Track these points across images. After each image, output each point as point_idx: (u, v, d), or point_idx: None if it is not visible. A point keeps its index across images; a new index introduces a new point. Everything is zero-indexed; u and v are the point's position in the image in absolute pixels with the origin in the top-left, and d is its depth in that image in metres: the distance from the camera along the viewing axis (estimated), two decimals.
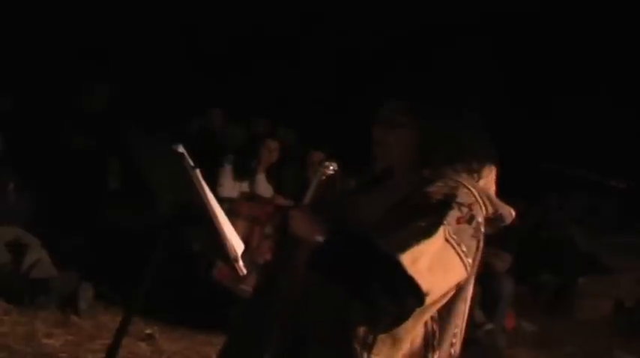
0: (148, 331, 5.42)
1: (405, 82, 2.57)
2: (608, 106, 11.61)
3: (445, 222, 2.25)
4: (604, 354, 7.13)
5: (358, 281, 2.21)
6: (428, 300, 2.23)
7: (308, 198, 2.46)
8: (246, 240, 2.61)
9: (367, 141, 2.53)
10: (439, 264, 2.22)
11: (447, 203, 2.29)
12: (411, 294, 2.19)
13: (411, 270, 2.17)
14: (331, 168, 2.48)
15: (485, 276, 6.26)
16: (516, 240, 7.42)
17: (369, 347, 2.30)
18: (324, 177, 2.47)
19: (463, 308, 2.46)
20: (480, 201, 2.36)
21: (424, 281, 2.18)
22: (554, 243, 8.49)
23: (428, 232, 2.23)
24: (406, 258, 2.17)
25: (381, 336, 2.30)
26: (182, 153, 2.40)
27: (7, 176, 6.12)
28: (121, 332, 2.67)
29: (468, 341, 5.68)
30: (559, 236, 8.70)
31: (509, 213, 2.43)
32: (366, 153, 2.56)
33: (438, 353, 2.41)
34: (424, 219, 2.25)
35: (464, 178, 2.39)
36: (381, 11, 11.35)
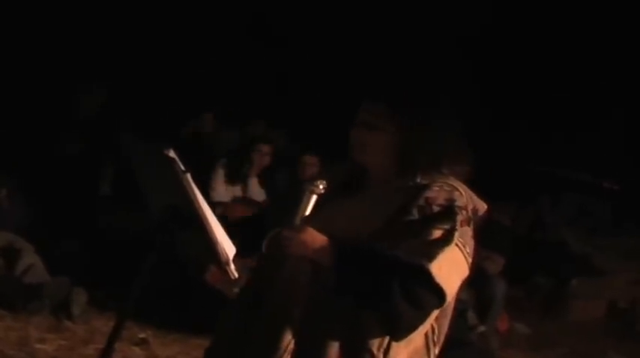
0: (142, 335, 5.42)
1: (385, 85, 2.56)
2: (600, 108, 11.64)
3: (457, 228, 2.30)
4: (597, 356, 7.14)
5: (381, 294, 2.24)
6: (446, 303, 2.32)
7: (299, 217, 2.40)
8: None
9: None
10: (453, 268, 2.30)
11: (451, 208, 2.34)
12: (435, 300, 2.26)
13: (438, 278, 2.23)
14: (321, 186, 2.44)
15: (478, 279, 6.28)
16: (509, 242, 7.43)
17: (385, 352, 2.36)
18: (314, 196, 2.43)
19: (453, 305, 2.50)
20: (468, 201, 2.39)
21: (446, 286, 2.26)
22: (548, 245, 8.50)
23: (448, 240, 2.29)
24: (434, 267, 2.23)
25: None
26: (173, 158, 2.40)
27: (1, 181, 6.11)
28: (114, 337, 2.67)
29: (462, 344, 5.68)
30: (552, 238, 8.71)
31: (483, 206, 2.46)
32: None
33: (437, 347, 2.48)
34: (439, 226, 2.30)
35: (452, 181, 2.41)
36: (372, 14, 11.38)
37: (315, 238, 2.34)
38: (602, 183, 10.71)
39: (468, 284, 2.48)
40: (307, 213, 2.40)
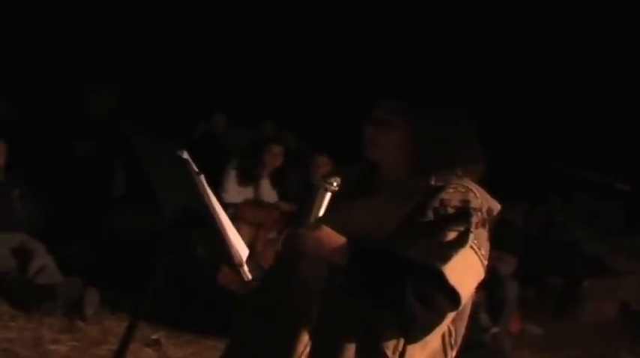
0: (154, 336, 5.43)
1: (401, 83, 2.55)
2: (613, 108, 11.61)
3: (472, 230, 2.29)
4: (610, 357, 7.12)
5: (395, 295, 2.23)
6: (461, 306, 2.30)
7: (314, 216, 2.37)
8: (250, 245, 2.58)
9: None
10: (468, 270, 2.29)
11: (466, 210, 2.33)
12: (449, 302, 2.25)
13: (452, 280, 2.22)
14: (334, 184, 2.40)
15: (490, 280, 6.26)
16: (522, 242, 7.41)
17: (401, 355, 2.35)
18: (328, 194, 2.42)
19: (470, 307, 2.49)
20: (483, 202, 2.38)
21: (460, 289, 2.24)
22: (560, 246, 8.47)
23: (462, 242, 2.28)
24: (448, 269, 2.22)
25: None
26: (186, 159, 2.40)
27: (13, 183, 6.13)
28: (127, 338, 2.68)
29: (474, 345, 5.66)
30: (564, 239, 8.69)
31: (497, 206, 2.45)
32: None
33: (455, 350, 2.47)
34: (453, 228, 2.30)
35: (467, 182, 2.39)
36: (382, 12, 11.37)
37: (331, 237, 2.32)
38: (614, 184, 10.68)
39: (480, 285, 2.47)
40: (322, 211, 2.38)
